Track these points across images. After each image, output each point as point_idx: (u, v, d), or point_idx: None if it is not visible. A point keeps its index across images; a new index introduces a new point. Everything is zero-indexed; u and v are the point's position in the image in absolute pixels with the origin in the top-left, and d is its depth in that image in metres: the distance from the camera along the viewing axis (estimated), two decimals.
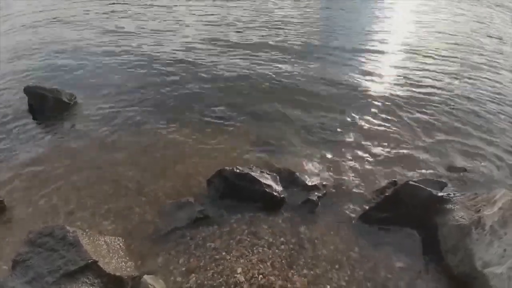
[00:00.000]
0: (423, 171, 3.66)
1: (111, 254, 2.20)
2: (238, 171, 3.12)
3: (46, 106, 4.87)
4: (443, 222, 2.61)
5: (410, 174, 3.57)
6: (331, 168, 3.62)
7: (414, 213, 2.80)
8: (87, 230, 2.29)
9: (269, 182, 3.12)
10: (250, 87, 5.54)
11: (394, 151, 4.00)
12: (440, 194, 2.80)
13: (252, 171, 3.17)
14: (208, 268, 2.40)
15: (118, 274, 2.03)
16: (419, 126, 4.55)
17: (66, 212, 2.92)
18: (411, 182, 2.88)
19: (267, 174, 3.25)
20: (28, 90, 4.96)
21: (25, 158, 3.80)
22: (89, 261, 1.99)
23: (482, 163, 3.78)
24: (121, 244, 2.37)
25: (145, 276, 2.08)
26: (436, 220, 2.68)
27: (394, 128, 4.50)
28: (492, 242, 2.24)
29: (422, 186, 2.81)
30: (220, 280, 2.31)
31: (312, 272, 2.42)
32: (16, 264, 2.12)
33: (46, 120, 4.65)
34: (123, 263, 2.18)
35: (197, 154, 3.81)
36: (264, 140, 4.14)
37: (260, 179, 3.08)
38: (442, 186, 2.92)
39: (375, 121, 4.67)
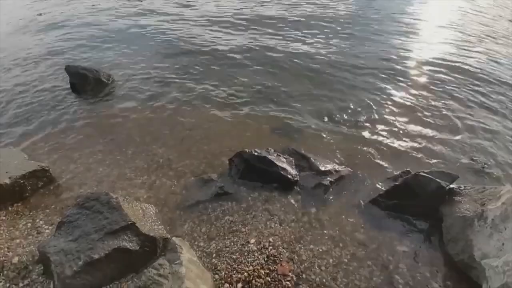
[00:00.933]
0: (440, 163, 3.69)
1: (145, 218, 2.57)
2: (256, 153, 3.35)
3: (86, 84, 5.29)
4: (448, 212, 2.72)
5: (425, 165, 3.62)
6: (346, 155, 3.77)
7: (421, 203, 2.91)
8: (126, 197, 2.68)
9: (285, 165, 3.33)
10: (276, 75, 5.67)
11: (413, 141, 4.04)
12: (449, 186, 2.89)
13: (270, 154, 3.39)
14: (226, 238, 2.72)
15: (151, 234, 2.36)
16: (441, 119, 4.51)
17: (109, 182, 3.35)
18: (421, 173, 2.96)
19: (284, 157, 3.45)
20: (69, 70, 5.36)
21: (69, 133, 4.24)
22: (129, 222, 2.32)
23: (503, 162, 3.73)
24: (153, 211, 2.73)
25: (174, 238, 2.46)
26: (442, 211, 2.79)
27: (416, 119, 4.49)
28: (492, 235, 2.34)
29: (432, 177, 2.88)
30: (235, 248, 2.61)
31: (317, 248, 2.65)
32: (62, 224, 2.35)
33: (87, 98, 5.12)
34: (155, 226, 2.55)
35: (220, 135, 4.11)
36: (284, 124, 4.35)
37: (276, 162, 3.29)
38: (453, 178, 2.97)
39: (396, 111, 4.67)
